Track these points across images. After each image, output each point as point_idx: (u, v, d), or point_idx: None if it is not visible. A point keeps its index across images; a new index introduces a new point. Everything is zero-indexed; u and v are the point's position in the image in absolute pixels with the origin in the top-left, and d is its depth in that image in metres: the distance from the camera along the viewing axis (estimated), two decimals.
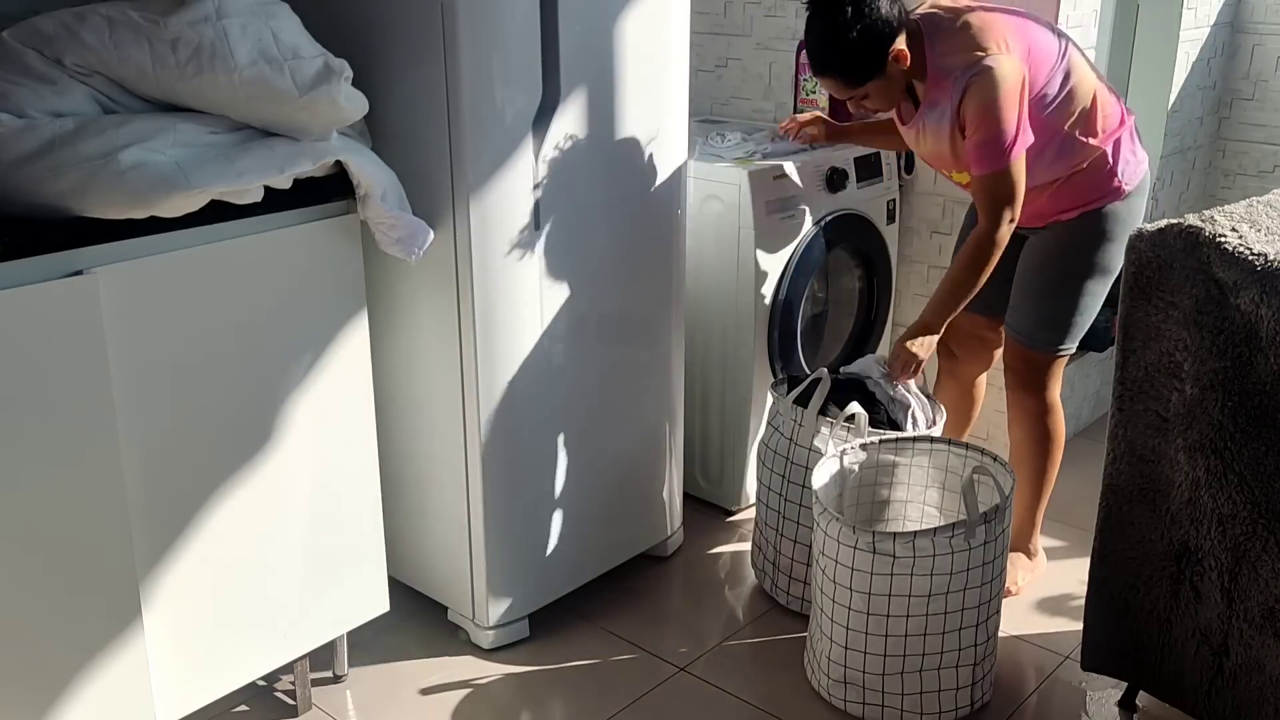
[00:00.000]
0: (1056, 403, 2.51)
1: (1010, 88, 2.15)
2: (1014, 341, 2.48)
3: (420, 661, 2.41)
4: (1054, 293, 2.41)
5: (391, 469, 2.37)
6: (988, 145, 2.18)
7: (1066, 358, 2.47)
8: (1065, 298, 2.40)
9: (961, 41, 2.19)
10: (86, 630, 1.82)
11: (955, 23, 2.22)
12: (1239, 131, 3.67)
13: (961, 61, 2.18)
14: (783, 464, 2.49)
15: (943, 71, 2.21)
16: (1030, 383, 2.48)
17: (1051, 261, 2.39)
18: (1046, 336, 2.43)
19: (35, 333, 1.66)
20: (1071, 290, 2.39)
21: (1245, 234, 1.84)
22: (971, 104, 2.17)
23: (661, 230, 2.52)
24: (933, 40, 2.22)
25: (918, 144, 2.38)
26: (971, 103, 2.17)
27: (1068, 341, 2.44)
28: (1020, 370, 2.49)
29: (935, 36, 2.22)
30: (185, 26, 1.77)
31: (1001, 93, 2.14)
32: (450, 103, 2.07)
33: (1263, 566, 1.87)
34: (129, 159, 1.69)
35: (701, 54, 3.43)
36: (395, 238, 2.05)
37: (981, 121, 2.17)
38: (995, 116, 2.15)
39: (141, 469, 1.84)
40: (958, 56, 2.19)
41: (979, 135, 2.18)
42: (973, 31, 2.19)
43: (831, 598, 2.18)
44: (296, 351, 2.01)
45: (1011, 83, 2.15)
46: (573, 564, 2.54)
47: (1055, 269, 2.40)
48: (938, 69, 2.21)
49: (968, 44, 2.18)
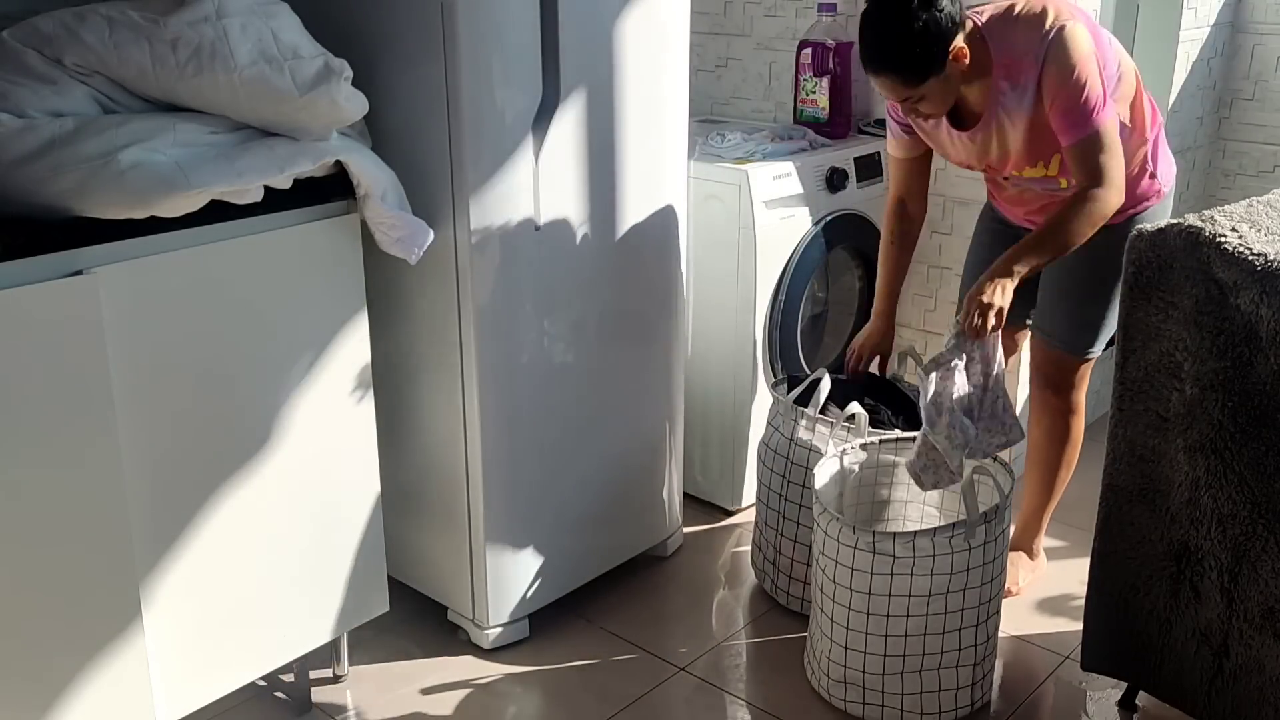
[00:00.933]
0: (1081, 405, 2.50)
1: (1087, 51, 2.09)
2: (1047, 345, 2.45)
3: (420, 661, 2.41)
4: (1093, 298, 2.37)
5: (391, 469, 2.37)
6: (1073, 111, 2.10)
7: (1095, 359, 2.46)
8: (1103, 302, 2.36)
9: (1025, 22, 2.13)
10: (86, 630, 1.82)
11: (1011, 10, 2.16)
12: (1239, 131, 3.67)
13: (1035, 37, 2.10)
14: (783, 464, 2.49)
15: (1018, 55, 2.12)
16: (1059, 384, 2.47)
17: (1091, 266, 2.33)
18: (1081, 340, 2.41)
19: (35, 333, 1.66)
20: (1109, 295, 2.34)
21: (1245, 234, 1.84)
22: (1052, 69, 2.09)
23: (661, 230, 2.52)
24: (993, 32, 2.15)
25: (989, 149, 2.26)
26: (1051, 68, 2.09)
27: (1099, 344, 2.42)
28: (1051, 373, 2.47)
29: (994, 27, 2.15)
30: (185, 26, 1.78)
31: (1080, 55, 2.08)
32: (450, 103, 2.07)
33: (1263, 566, 1.87)
34: (129, 159, 1.69)
35: (701, 54, 3.43)
36: (395, 238, 2.05)
37: (1064, 86, 2.09)
38: (1078, 80, 2.08)
39: (141, 469, 1.83)
40: (1028, 35, 2.11)
41: (1063, 101, 2.10)
42: (1032, 11, 2.13)
43: (831, 598, 2.18)
44: (296, 351, 2.01)
45: (1087, 47, 2.09)
46: (573, 564, 2.54)
47: (1095, 274, 2.35)
48: (1010, 55, 2.13)
49: (1035, 20, 2.12)
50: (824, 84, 3.02)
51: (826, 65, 3.01)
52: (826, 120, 3.06)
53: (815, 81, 3.04)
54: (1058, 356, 2.44)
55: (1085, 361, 2.44)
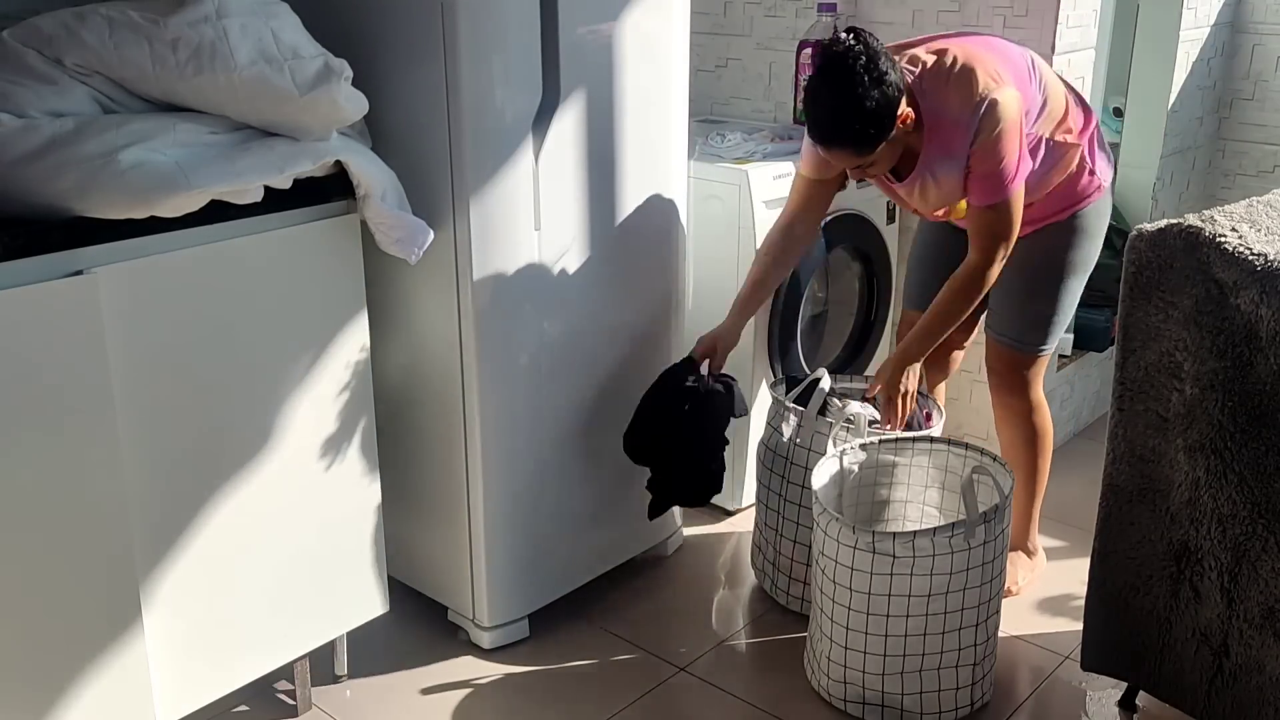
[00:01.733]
0: (1042, 400, 2.52)
1: (1014, 120, 2.14)
2: (999, 345, 2.48)
3: (420, 661, 2.41)
4: (1040, 294, 2.42)
5: (391, 469, 2.37)
6: (991, 178, 2.17)
7: (1049, 355, 2.48)
8: (1050, 298, 2.41)
9: (958, 86, 2.15)
10: (86, 630, 1.82)
11: (942, 68, 2.17)
12: (1239, 131, 3.67)
13: (967, 104, 2.14)
14: (782, 464, 2.49)
15: (951, 121, 2.16)
16: (1015, 384, 2.49)
17: (1035, 264, 2.39)
18: (1032, 338, 2.44)
19: (35, 333, 1.66)
20: (1056, 290, 2.41)
21: (1245, 234, 1.84)
22: (980, 139, 2.14)
23: (661, 230, 2.52)
24: (925, 90, 2.17)
25: (918, 198, 2.31)
26: (980, 138, 2.14)
27: (1050, 341, 2.46)
28: (1005, 373, 2.50)
29: (926, 86, 2.17)
30: (185, 26, 1.77)
31: (1007, 126, 2.13)
32: (450, 103, 2.07)
33: (1263, 566, 1.87)
34: (129, 159, 1.69)
35: (701, 54, 3.43)
36: (395, 238, 2.04)
37: (988, 155, 2.15)
38: (999, 150, 2.14)
39: (141, 469, 1.83)
40: (960, 101, 2.14)
41: (983, 168, 2.16)
42: (965, 73, 2.15)
43: (831, 598, 2.18)
44: (296, 351, 2.01)
45: (1015, 115, 2.14)
46: (573, 564, 2.54)
47: (1040, 271, 2.40)
48: (941, 116, 2.17)
49: (965, 86, 2.15)
50: None
51: None
52: None
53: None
54: (1011, 356, 2.47)
55: (1038, 357, 2.47)
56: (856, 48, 2.07)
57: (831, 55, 2.09)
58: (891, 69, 2.09)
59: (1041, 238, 2.34)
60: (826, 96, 2.11)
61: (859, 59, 2.06)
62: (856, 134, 2.11)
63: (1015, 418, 2.53)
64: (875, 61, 2.06)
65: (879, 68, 2.06)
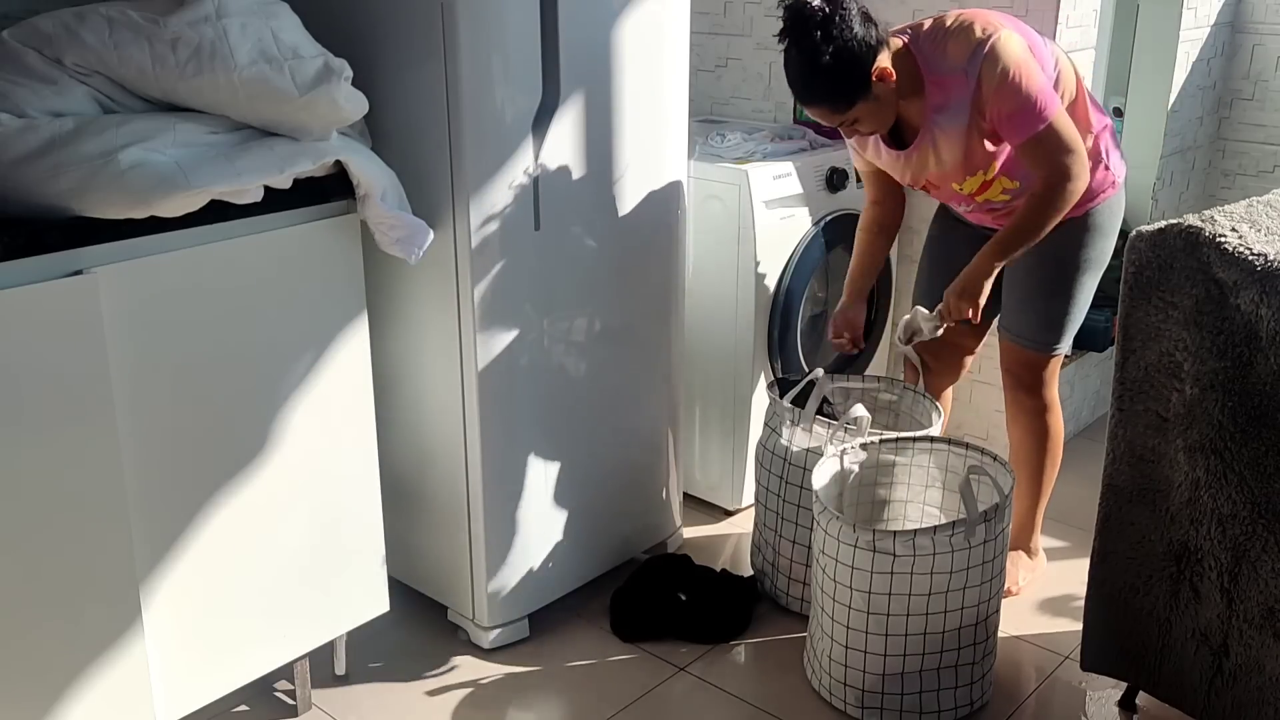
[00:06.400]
0: (1055, 401, 2.51)
1: (1021, 55, 2.12)
2: (1015, 346, 2.47)
3: (420, 661, 2.41)
4: (1055, 293, 2.40)
5: (391, 469, 2.37)
6: (1021, 113, 2.13)
7: (1064, 354, 2.47)
8: (1066, 297, 2.40)
9: (954, 38, 2.16)
10: (86, 630, 1.82)
11: (939, 27, 2.20)
12: (1239, 131, 3.67)
13: (965, 52, 2.14)
14: (780, 464, 2.49)
15: (948, 71, 2.17)
16: (1031, 384, 2.48)
17: (1050, 263, 2.38)
18: (1048, 338, 2.43)
19: (35, 333, 1.66)
20: (1071, 289, 2.40)
21: (1245, 234, 1.84)
22: (988, 82, 2.12)
23: (661, 230, 2.52)
24: (922, 49, 2.19)
25: (925, 164, 2.31)
26: (987, 81, 2.12)
27: (1066, 340, 2.45)
28: (1021, 373, 2.48)
29: (924, 45, 2.19)
30: (185, 26, 1.78)
31: (1015, 60, 2.11)
32: (450, 103, 2.07)
33: (1263, 566, 1.87)
34: (129, 159, 1.69)
35: (701, 54, 3.43)
36: (395, 238, 2.05)
37: (1007, 95, 2.12)
38: (1017, 84, 2.11)
39: (141, 469, 1.83)
40: (958, 51, 2.15)
41: (1007, 107, 2.13)
42: (961, 25, 2.17)
43: (832, 597, 2.18)
44: (296, 351, 2.01)
45: (1020, 51, 2.13)
46: (573, 564, 2.54)
47: (1057, 270, 2.39)
48: (941, 72, 2.18)
49: (962, 36, 2.15)
50: None
51: None
52: None
53: None
54: (1027, 356, 2.46)
55: (1054, 358, 2.46)
56: (815, 3, 2.10)
57: (791, 12, 2.13)
58: (860, 24, 2.11)
59: (1056, 235, 2.32)
60: (793, 55, 2.15)
61: (815, 15, 2.09)
62: (821, 91, 2.16)
63: (1028, 417, 2.52)
64: (837, 17, 2.09)
65: (843, 22, 2.09)
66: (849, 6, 2.11)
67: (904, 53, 2.19)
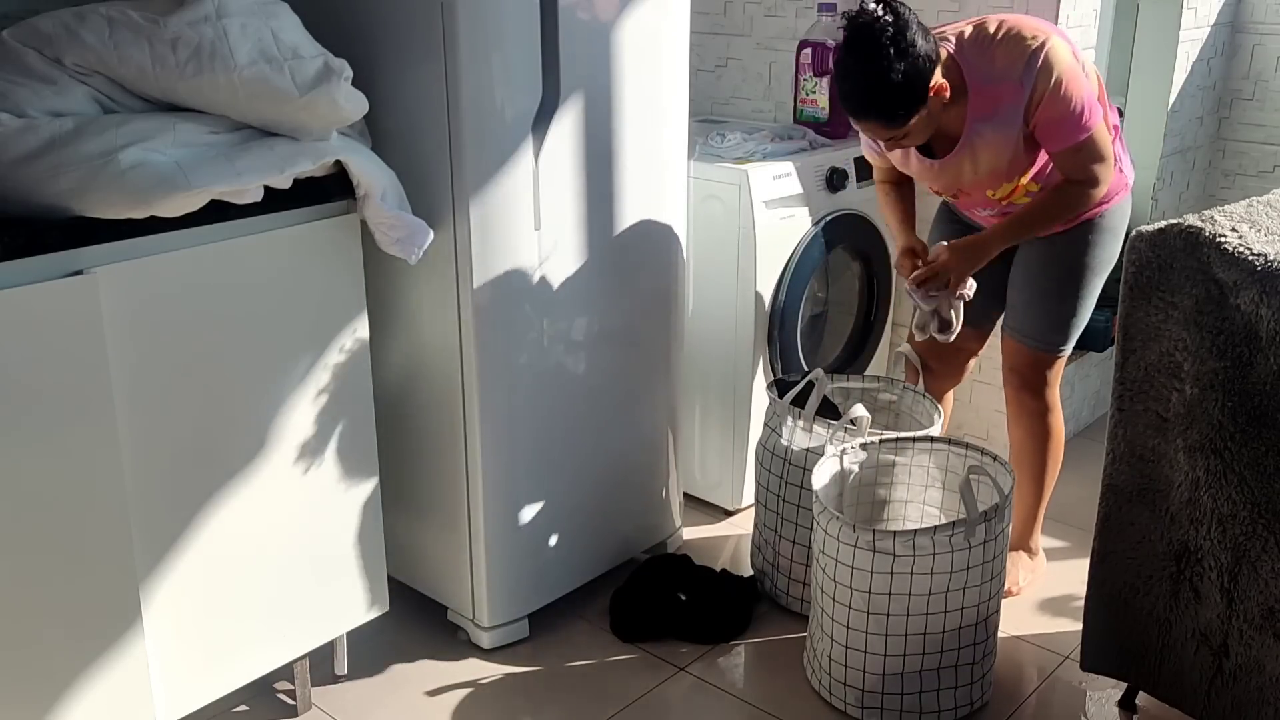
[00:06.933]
0: (1057, 402, 2.51)
1: (1069, 65, 2.12)
2: (1020, 346, 2.46)
3: (420, 661, 2.41)
4: (1064, 295, 2.39)
5: (391, 469, 2.37)
6: (1065, 120, 2.13)
7: (1067, 355, 2.47)
8: (1074, 299, 2.39)
9: (1002, 46, 2.13)
10: (86, 630, 1.82)
11: (983, 35, 2.16)
12: (1239, 131, 3.67)
13: (1017, 60, 2.11)
14: (780, 465, 2.49)
15: (998, 80, 2.13)
16: (1034, 384, 2.48)
17: (1061, 265, 2.37)
18: (1055, 339, 2.43)
19: (35, 333, 1.66)
20: (1080, 290, 2.39)
21: (1245, 234, 1.84)
22: (1041, 88, 2.11)
23: (661, 230, 2.52)
24: (968, 58, 2.15)
25: (960, 173, 2.28)
26: (1041, 87, 2.11)
27: (1071, 341, 2.44)
28: (1025, 373, 2.48)
29: (969, 54, 2.15)
30: (185, 26, 1.78)
31: (1064, 70, 2.11)
32: (450, 103, 2.07)
33: (1263, 566, 1.87)
34: (129, 159, 1.69)
35: (701, 54, 3.43)
36: (395, 238, 2.05)
37: (1056, 102, 2.11)
38: (1066, 94, 2.11)
39: (141, 469, 1.83)
40: (1008, 59, 2.12)
41: (1053, 112, 2.12)
42: (1009, 33, 2.14)
43: (832, 597, 2.18)
44: (296, 351, 2.01)
45: (1069, 59, 2.12)
46: (573, 564, 2.54)
47: (1065, 271, 2.38)
48: (990, 80, 2.14)
49: (1012, 44, 2.13)
50: (824, 84, 3.02)
51: (826, 65, 3.01)
52: (826, 120, 3.05)
53: (815, 81, 3.04)
54: (1033, 356, 2.45)
55: (1059, 358, 2.46)
56: (884, 18, 2.03)
57: (857, 26, 2.06)
58: (923, 38, 2.05)
59: (1068, 237, 2.31)
60: (853, 69, 2.08)
61: (885, 30, 2.02)
62: (885, 107, 2.08)
63: (1030, 418, 2.51)
64: (903, 32, 2.02)
65: (907, 38, 2.02)
66: (910, 19, 2.05)
67: (950, 63, 2.15)
